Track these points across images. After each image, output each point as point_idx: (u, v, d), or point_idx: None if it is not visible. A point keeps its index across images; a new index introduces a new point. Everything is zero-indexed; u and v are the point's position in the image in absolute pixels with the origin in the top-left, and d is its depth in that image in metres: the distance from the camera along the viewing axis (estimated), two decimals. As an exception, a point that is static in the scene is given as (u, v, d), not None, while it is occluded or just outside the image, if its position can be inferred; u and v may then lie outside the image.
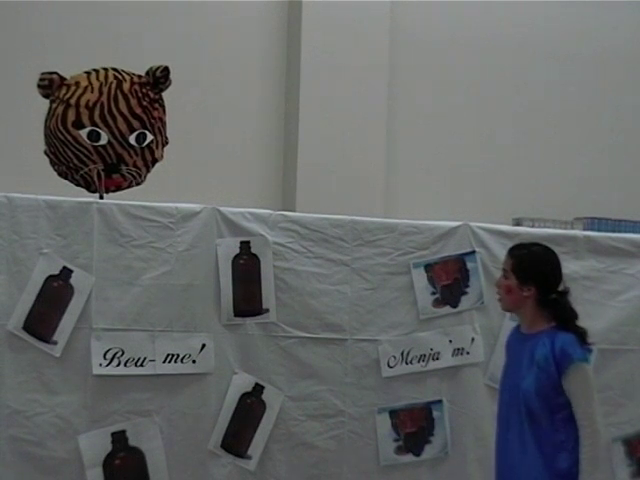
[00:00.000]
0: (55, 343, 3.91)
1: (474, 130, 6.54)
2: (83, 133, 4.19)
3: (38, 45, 5.59)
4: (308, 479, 4.23)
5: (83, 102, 4.20)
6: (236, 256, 4.18)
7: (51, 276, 3.93)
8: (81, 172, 4.23)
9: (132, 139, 4.24)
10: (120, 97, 4.23)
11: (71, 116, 4.19)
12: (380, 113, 6.16)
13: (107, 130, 4.20)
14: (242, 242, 4.19)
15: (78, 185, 4.34)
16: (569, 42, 6.76)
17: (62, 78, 4.27)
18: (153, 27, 5.85)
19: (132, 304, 4.02)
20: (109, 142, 4.20)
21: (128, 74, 4.33)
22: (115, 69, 4.34)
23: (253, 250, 4.20)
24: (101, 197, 4.22)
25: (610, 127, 6.83)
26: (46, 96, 4.29)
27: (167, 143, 4.45)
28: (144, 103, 4.28)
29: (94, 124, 4.19)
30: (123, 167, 4.24)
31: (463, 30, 6.52)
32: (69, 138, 4.20)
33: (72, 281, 3.95)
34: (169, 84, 4.37)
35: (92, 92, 4.22)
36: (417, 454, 4.36)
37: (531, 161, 6.64)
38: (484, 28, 6.59)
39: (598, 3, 6.80)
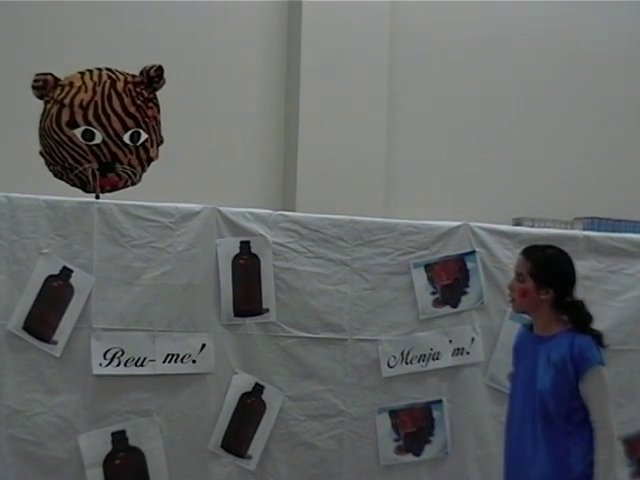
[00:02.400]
0: (55, 343, 3.91)
1: (474, 130, 6.53)
2: (77, 132, 4.19)
3: (38, 45, 5.58)
4: (308, 479, 4.23)
5: (77, 102, 4.20)
6: (236, 256, 4.18)
7: (51, 276, 3.93)
8: (76, 171, 4.23)
9: (126, 138, 4.24)
10: (114, 96, 4.23)
11: (65, 116, 4.20)
12: (380, 113, 6.16)
13: (101, 129, 4.20)
14: (242, 242, 4.19)
15: (73, 185, 4.34)
16: (569, 42, 6.76)
17: (56, 79, 4.27)
18: (153, 27, 5.84)
19: (132, 304, 4.02)
20: (103, 141, 4.20)
21: (122, 74, 4.33)
22: (109, 69, 4.35)
23: (253, 250, 4.20)
24: (97, 197, 4.21)
25: (610, 127, 6.83)
26: (40, 97, 4.29)
27: (162, 142, 4.45)
28: (138, 102, 4.28)
29: (88, 123, 4.19)
30: (118, 166, 4.24)
31: (463, 30, 6.52)
32: (64, 138, 4.20)
33: (72, 281, 3.94)
34: (163, 83, 4.37)
35: (86, 92, 4.22)
36: (417, 454, 4.36)
37: (531, 161, 6.64)
38: (484, 28, 6.59)
39: (598, 3, 6.80)
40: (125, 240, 4.04)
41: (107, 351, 3.96)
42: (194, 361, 4.07)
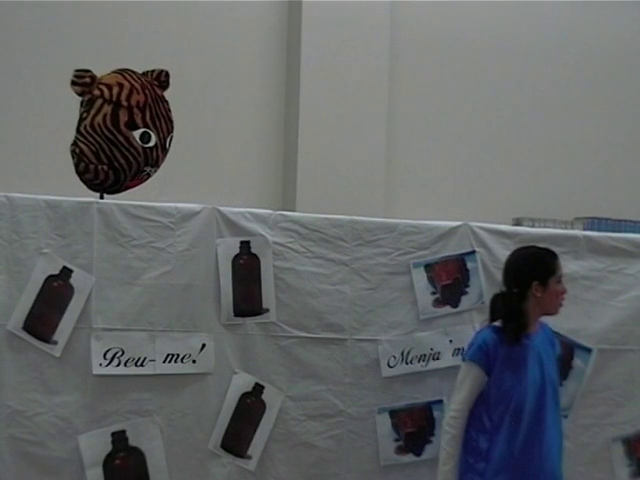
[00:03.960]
0: (55, 343, 3.90)
1: (474, 130, 6.54)
2: (136, 134, 4.14)
3: (38, 45, 5.59)
4: (308, 479, 4.23)
5: (134, 102, 4.14)
6: (236, 256, 4.18)
7: (51, 276, 3.93)
8: (143, 174, 4.21)
9: (167, 142, 4.26)
10: (158, 100, 4.22)
11: (124, 116, 4.12)
12: (380, 113, 6.16)
13: (156, 132, 4.18)
14: (242, 242, 4.18)
15: (103, 183, 4.19)
16: (569, 42, 6.77)
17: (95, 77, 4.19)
18: (152, 27, 5.85)
19: (132, 304, 4.02)
20: (155, 144, 4.20)
21: (147, 76, 4.30)
22: (134, 71, 4.29)
23: (253, 250, 4.19)
24: (101, 197, 4.21)
25: (610, 127, 6.83)
26: (82, 94, 4.16)
27: None
28: (169, 107, 4.29)
29: (146, 125, 4.16)
30: (155, 168, 4.26)
31: (463, 30, 6.52)
32: (120, 138, 4.12)
33: (72, 281, 3.94)
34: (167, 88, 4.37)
35: (138, 93, 4.16)
36: (418, 454, 4.36)
37: (531, 161, 6.64)
38: (484, 28, 6.59)
39: (599, 3, 6.80)
40: (125, 240, 4.04)
41: (107, 351, 3.96)
42: (194, 361, 4.07)
